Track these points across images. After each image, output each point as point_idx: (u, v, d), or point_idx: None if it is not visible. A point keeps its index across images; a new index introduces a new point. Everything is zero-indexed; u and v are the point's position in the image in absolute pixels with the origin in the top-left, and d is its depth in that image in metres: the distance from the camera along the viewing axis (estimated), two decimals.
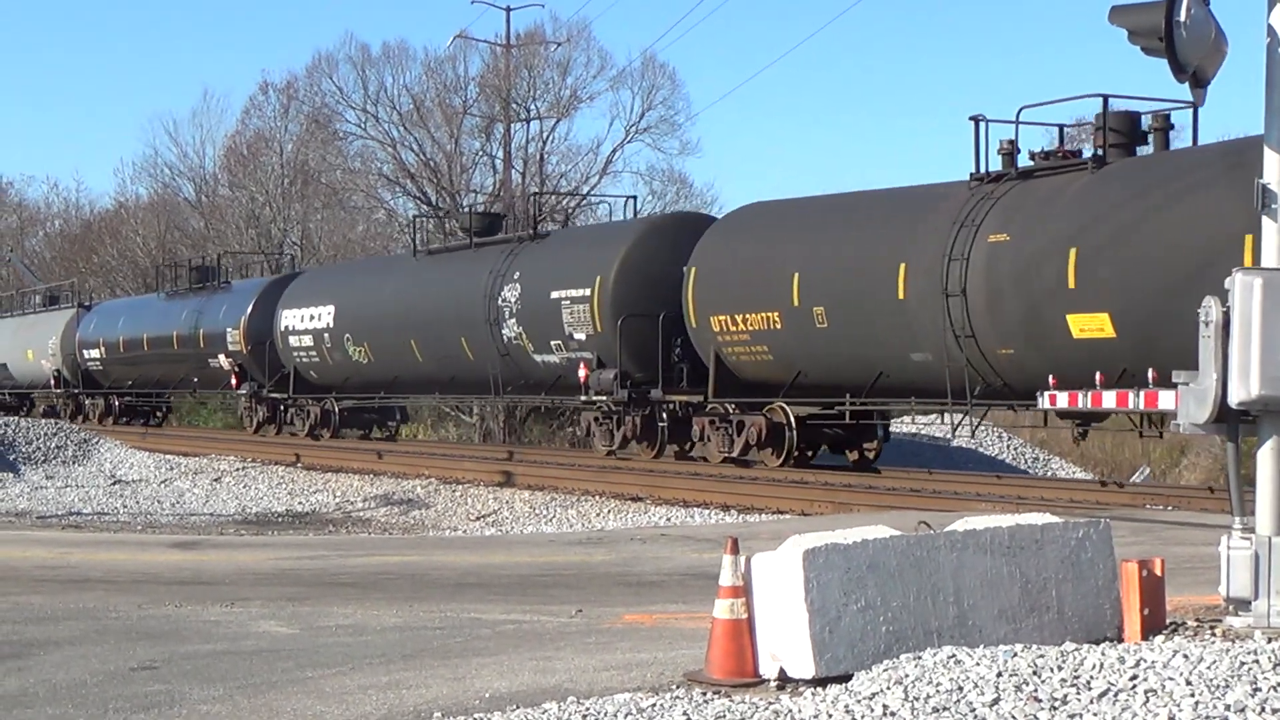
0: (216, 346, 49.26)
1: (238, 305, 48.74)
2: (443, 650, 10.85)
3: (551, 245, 36.51)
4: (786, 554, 9.10)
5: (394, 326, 40.24)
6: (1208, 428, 10.24)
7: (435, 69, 66.55)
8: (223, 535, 25.53)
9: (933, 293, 25.23)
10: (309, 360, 44.89)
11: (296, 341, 45.20)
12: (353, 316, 42.48)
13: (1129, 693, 7.86)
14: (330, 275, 49.37)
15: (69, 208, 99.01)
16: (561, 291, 33.82)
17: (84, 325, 60.44)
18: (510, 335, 35.52)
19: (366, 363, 42.11)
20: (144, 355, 55.02)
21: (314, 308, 44.44)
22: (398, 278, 41.67)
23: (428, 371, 39.69)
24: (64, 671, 10.16)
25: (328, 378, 44.78)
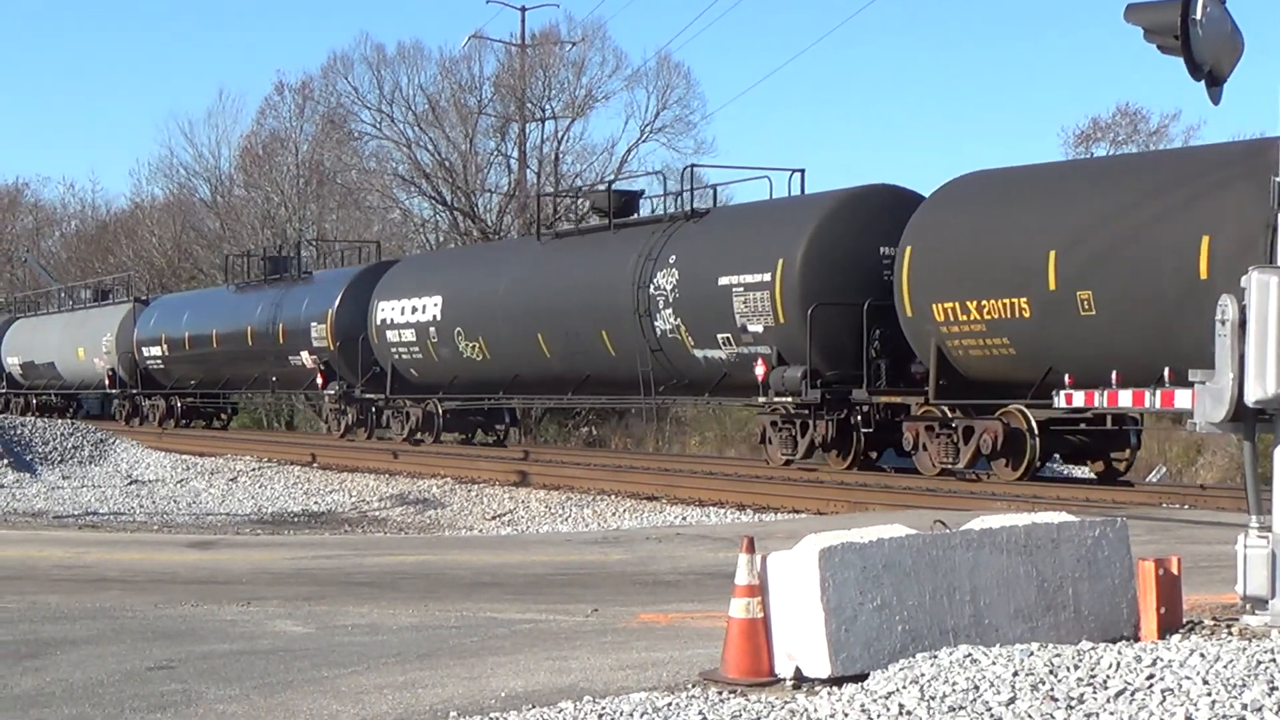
0: (298, 343, 45.42)
1: (323, 297, 44.67)
2: (458, 650, 10.86)
3: (715, 224, 31.73)
4: (802, 553, 9.09)
5: (516, 320, 36.19)
6: (1224, 426, 10.22)
7: (450, 69, 66.68)
8: (239, 535, 25.56)
9: None
10: (410, 358, 40.69)
11: (395, 337, 40.91)
12: (464, 309, 38.28)
13: (1146, 692, 7.85)
14: (435, 263, 44.75)
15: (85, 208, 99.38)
16: (733, 277, 29.52)
17: (143, 321, 56.89)
18: (665, 328, 31.36)
19: (480, 360, 37.92)
20: (212, 353, 51.30)
21: (417, 299, 40.08)
22: (519, 265, 37.21)
23: (557, 370, 35.53)
24: (81, 671, 10.18)
25: (431, 377, 40.48)
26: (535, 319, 35.33)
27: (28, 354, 66.28)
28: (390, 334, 41.07)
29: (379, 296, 41.82)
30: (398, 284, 41.65)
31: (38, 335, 66.11)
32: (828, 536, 9.22)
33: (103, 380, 59.05)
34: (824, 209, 28.93)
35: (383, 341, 41.53)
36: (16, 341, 68.12)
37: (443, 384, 40.22)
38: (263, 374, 48.45)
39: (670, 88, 65.41)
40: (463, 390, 39.96)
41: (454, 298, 38.76)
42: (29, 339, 66.91)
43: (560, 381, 35.90)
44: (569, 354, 34.61)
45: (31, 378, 66.37)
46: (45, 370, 64.41)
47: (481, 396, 40.06)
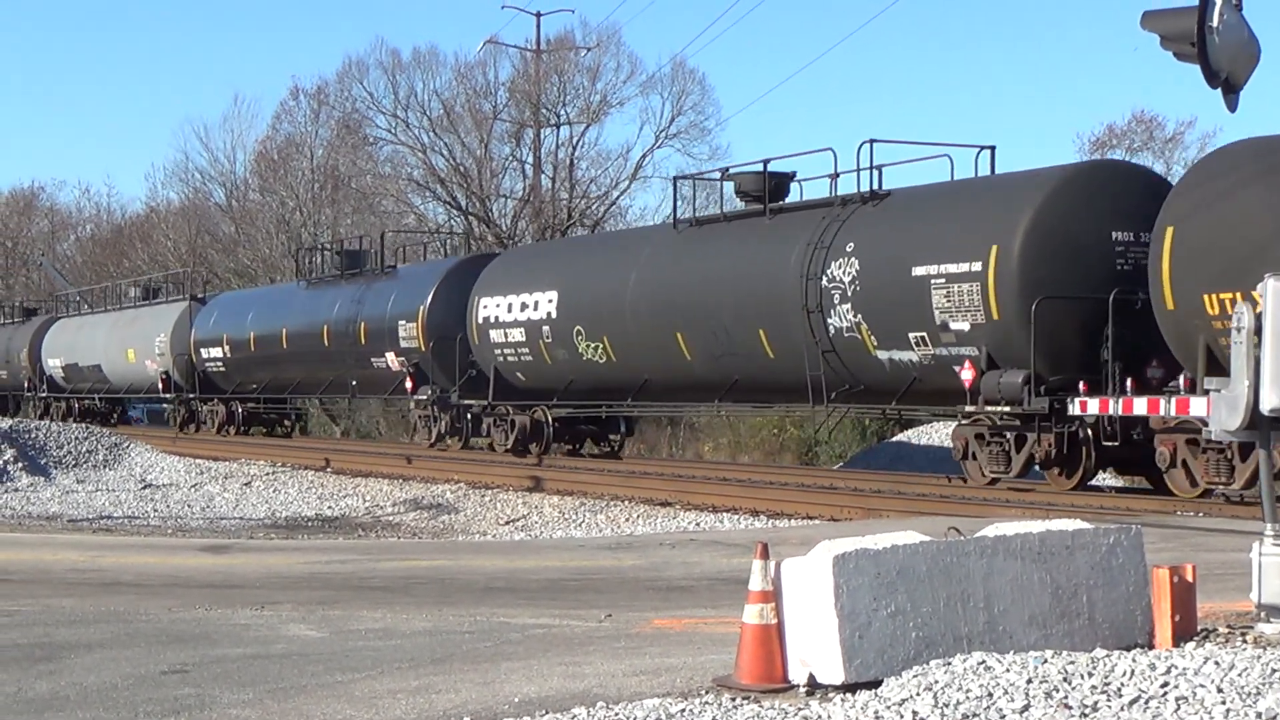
0: (383, 343, 41.40)
1: (413, 293, 40.48)
2: (472, 655, 10.86)
3: (901, 207, 27.31)
4: (816, 559, 9.09)
5: (649, 317, 31.97)
6: (1240, 434, 10.20)
7: (465, 74, 66.84)
8: (253, 539, 25.59)
9: None
10: (516, 360, 36.52)
11: (500, 336, 36.71)
12: (586, 305, 34.09)
13: (1160, 700, 7.84)
14: (548, 254, 39.58)
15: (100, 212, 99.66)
16: (931, 267, 25.38)
17: (201, 320, 53.04)
18: (841, 325, 27.07)
19: (603, 363, 33.67)
20: (281, 354, 47.45)
21: (527, 294, 35.81)
22: (652, 256, 32.79)
23: (699, 373, 31.14)
24: (95, 674, 10.19)
25: (542, 381, 36.11)
26: (673, 316, 31.24)
27: (71, 356, 63.03)
28: (494, 334, 37.04)
29: (481, 292, 37.65)
30: (504, 278, 37.61)
31: (82, 336, 62.65)
32: (842, 543, 9.21)
33: (155, 384, 55.46)
34: (1046, 187, 24.86)
35: (484, 342, 37.48)
36: (58, 342, 64.99)
37: (556, 389, 35.79)
38: (339, 377, 44.60)
39: (685, 94, 65.54)
40: (579, 396, 35.61)
41: (572, 293, 34.60)
42: (72, 340, 63.55)
43: (702, 386, 31.72)
44: (715, 355, 30.37)
45: (74, 381, 63.23)
46: (90, 373, 61.12)
47: (599, 403, 35.91)
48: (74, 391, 63.61)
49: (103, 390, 60.80)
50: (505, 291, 36.75)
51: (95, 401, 62.40)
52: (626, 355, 33.06)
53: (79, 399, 63.36)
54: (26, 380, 66.86)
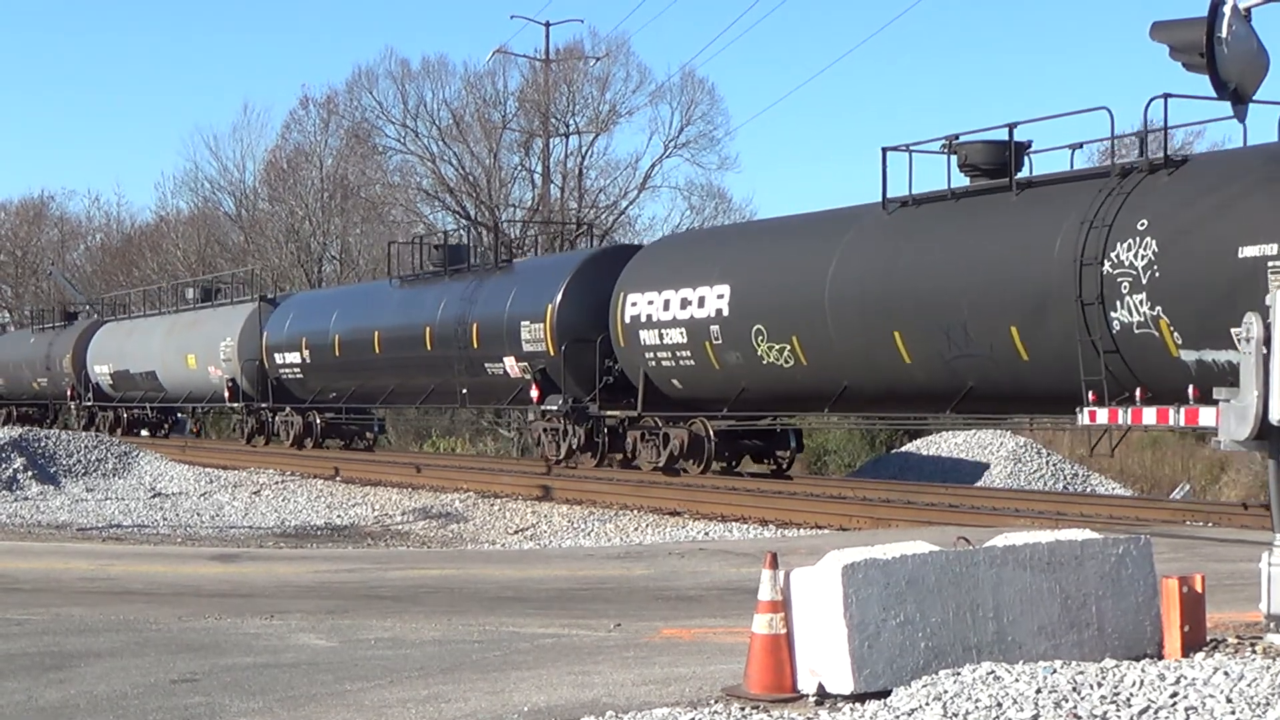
0: (500, 347, 36.46)
1: (538, 290, 35.73)
2: (481, 664, 10.87)
3: (1207, 175, 22.10)
4: (826, 569, 9.10)
5: (855, 314, 26.90)
6: (1249, 445, 10.21)
7: (475, 84, 66.92)
8: (262, 548, 25.60)
9: None
10: (673, 364, 31.55)
11: (651, 337, 31.92)
12: (768, 300, 29.00)
13: (1169, 710, 7.84)
14: (716, 243, 33.60)
15: (110, 221, 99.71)
16: (1265, 247, 20.13)
17: (274, 323, 48.55)
18: (1131, 320, 22.06)
19: (790, 367, 28.57)
20: (372, 360, 42.54)
21: (689, 289, 31.02)
22: (858, 242, 27.46)
23: (920, 379, 25.97)
24: (105, 683, 10.21)
25: (706, 388, 31.27)
26: (889, 312, 26.13)
27: (121, 361, 58.64)
28: (645, 334, 32.14)
29: (628, 287, 32.91)
30: (658, 271, 32.81)
31: (133, 341, 58.26)
32: (851, 552, 9.22)
33: (219, 392, 51.08)
34: None
35: (632, 344, 32.58)
36: (106, 347, 60.59)
37: (723, 398, 30.84)
38: (443, 385, 39.60)
39: (694, 103, 65.63)
40: (751, 406, 30.86)
41: (750, 286, 29.64)
42: (122, 345, 59.20)
43: (923, 395, 26.42)
44: (945, 358, 25.25)
45: (124, 389, 59.01)
46: (143, 380, 56.77)
47: (773, 414, 31.83)
48: (123, 400, 59.75)
49: (157, 399, 57.10)
50: (660, 286, 32.01)
51: (147, 411, 59.13)
52: (822, 358, 27.93)
53: (128, 408, 59.83)
54: (69, 388, 63.27)
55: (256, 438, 50.35)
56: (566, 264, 36.25)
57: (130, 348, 57.98)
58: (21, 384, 68.79)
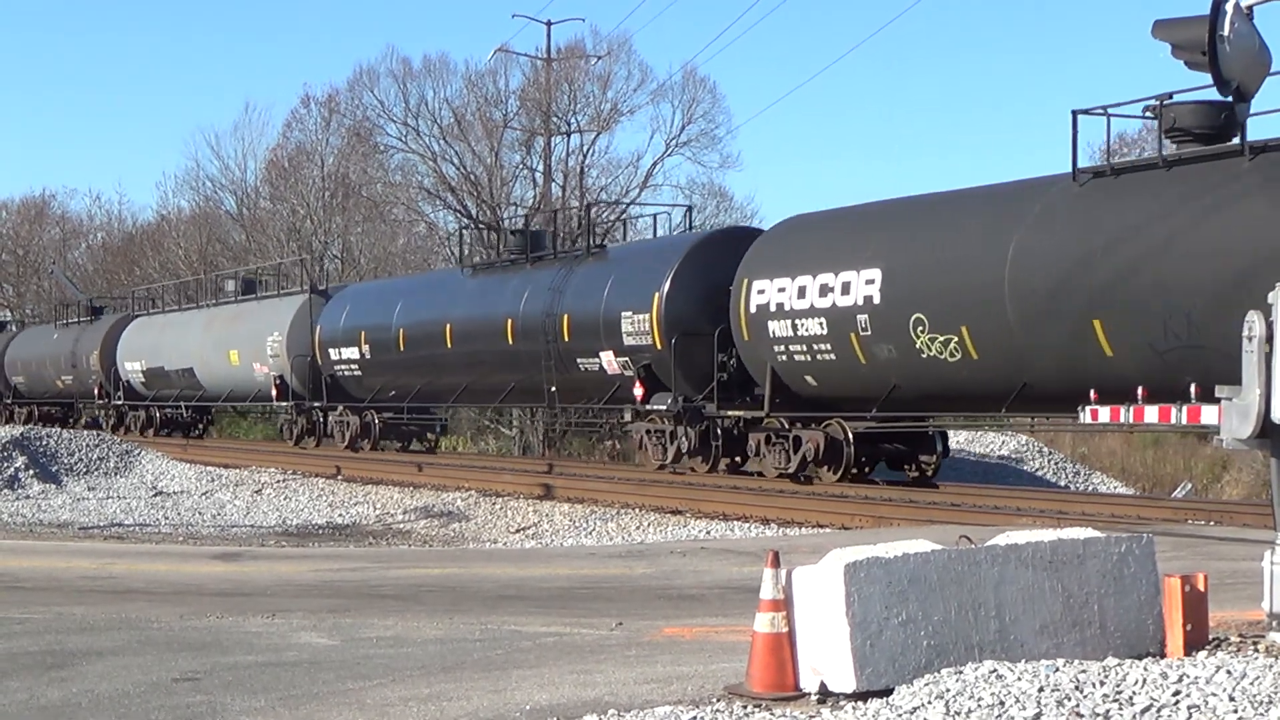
0: (596, 340, 33.46)
1: (641, 277, 32.63)
2: (483, 662, 10.87)
3: None
4: (828, 567, 9.09)
5: (1044, 300, 23.51)
6: (1251, 443, 10.21)
7: (476, 82, 66.80)
8: (264, 547, 25.60)
9: None
10: (808, 358, 28.28)
11: (782, 329, 28.51)
12: (931, 286, 25.71)
13: (1172, 709, 7.84)
14: (862, 222, 28.92)
15: (111, 220, 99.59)
16: None
17: (328, 316, 45.17)
18: None
19: (957, 360, 25.30)
20: (443, 355, 39.35)
21: (830, 273, 27.62)
22: (1045, 218, 24.09)
23: (1132, 373, 21.91)
24: (106, 682, 10.20)
25: (850, 385, 27.93)
26: (1087, 298, 22.88)
27: (154, 358, 55.29)
28: (774, 326, 28.78)
29: (753, 273, 29.57)
30: (789, 254, 29.22)
31: (168, 336, 54.84)
32: (853, 551, 9.22)
33: (265, 390, 47.86)
34: None
35: (758, 337, 29.28)
36: (138, 343, 57.22)
37: (869, 396, 27.52)
38: (527, 382, 36.38)
39: (696, 102, 65.49)
40: (905, 405, 27.33)
41: (908, 270, 26.29)
42: (155, 340, 55.83)
43: (1125, 390, 21.15)
44: (1159, 350, 22.04)
45: (158, 387, 55.75)
46: (179, 378, 53.48)
47: (929, 414, 28.61)
48: (157, 399, 56.40)
49: (194, 397, 53.78)
50: (794, 271, 28.50)
51: (181, 411, 55.94)
52: (998, 351, 24.71)
53: (161, 407, 56.56)
54: (97, 386, 59.85)
55: (306, 439, 47.17)
56: (673, 249, 32.89)
57: (165, 343, 54.87)
58: (43, 382, 65.56)
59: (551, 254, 37.44)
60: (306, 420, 47.09)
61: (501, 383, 37.53)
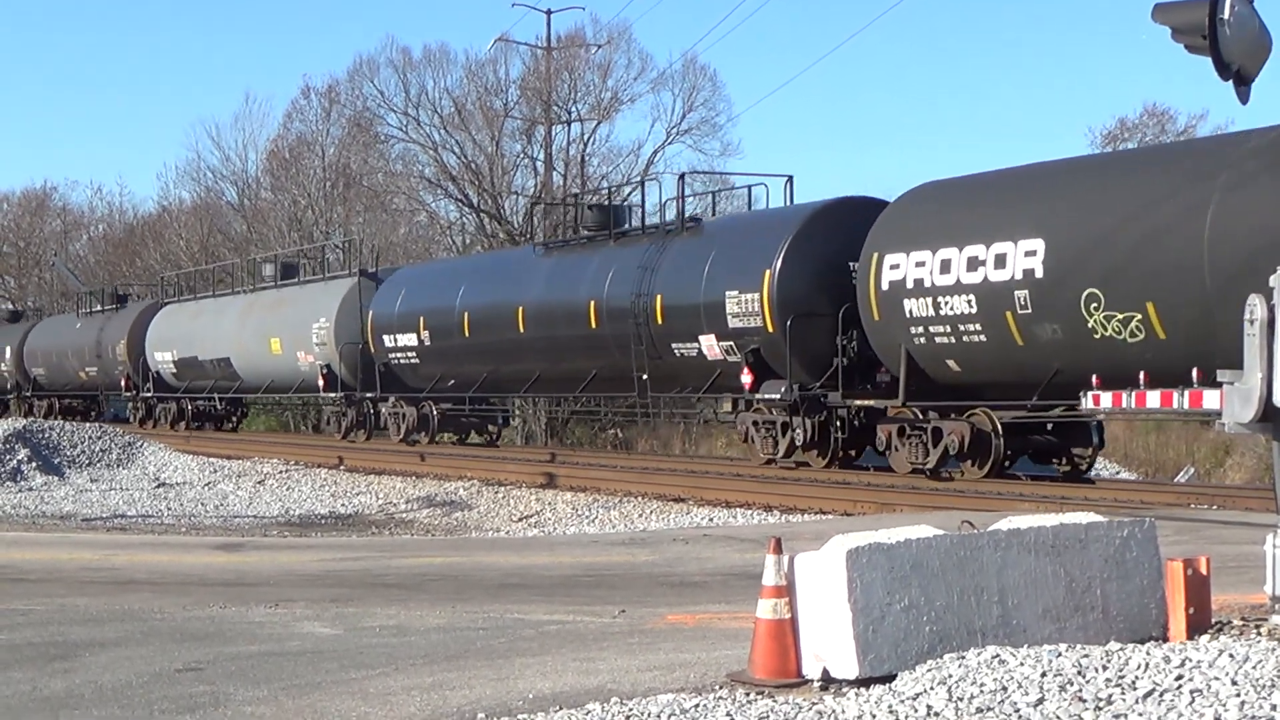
0: (695, 323, 30.64)
1: (746, 253, 29.71)
2: (486, 651, 10.86)
3: None
4: (830, 554, 9.09)
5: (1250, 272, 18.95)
6: (1252, 427, 10.20)
7: (476, 72, 66.77)
8: (266, 537, 25.60)
9: None
10: (951, 340, 25.44)
11: (922, 307, 25.68)
12: (1104, 258, 22.97)
13: (1174, 693, 7.83)
14: (1013, 186, 25.88)
15: (112, 212, 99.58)
16: None
17: (381, 300, 42.48)
18: None
19: (1136, 341, 22.45)
20: (515, 341, 36.56)
21: (980, 245, 24.77)
22: (1251, 181, 21.20)
23: None
24: (110, 673, 10.21)
25: (995, 370, 25.27)
26: None
27: (187, 347, 52.54)
28: (913, 304, 25.96)
29: (886, 245, 26.65)
30: (930, 222, 26.38)
31: (202, 324, 52.09)
32: (855, 537, 9.21)
33: (310, 381, 45.30)
34: None
35: (892, 317, 26.41)
36: (169, 332, 54.48)
37: (1025, 381, 24.80)
38: (611, 369, 33.64)
39: (696, 90, 65.43)
40: (1067, 391, 23.53)
41: (1077, 240, 23.46)
42: (188, 329, 53.16)
43: None
44: None
45: (190, 378, 53.13)
46: (214, 369, 50.92)
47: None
48: (189, 391, 53.76)
49: (230, 389, 51.10)
50: (935, 243, 25.66)
51: (215, 403, 53.47)
52: (1193, 331, 21.58)
53: (193, 399, 54.06)
54: (123, 378, 57.24)
55: (356, 432, 44.63)
56: (785, 221, 29.69)
57: (198, 332, 51.99)
58: (65, 374, 63.06)
59: (639, 230, 34.63)
60: (357, 412, 44.51)
61: (581, 370, 34.94)
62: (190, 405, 54.27)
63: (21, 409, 65.84)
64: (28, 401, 67.01)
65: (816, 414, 28.85)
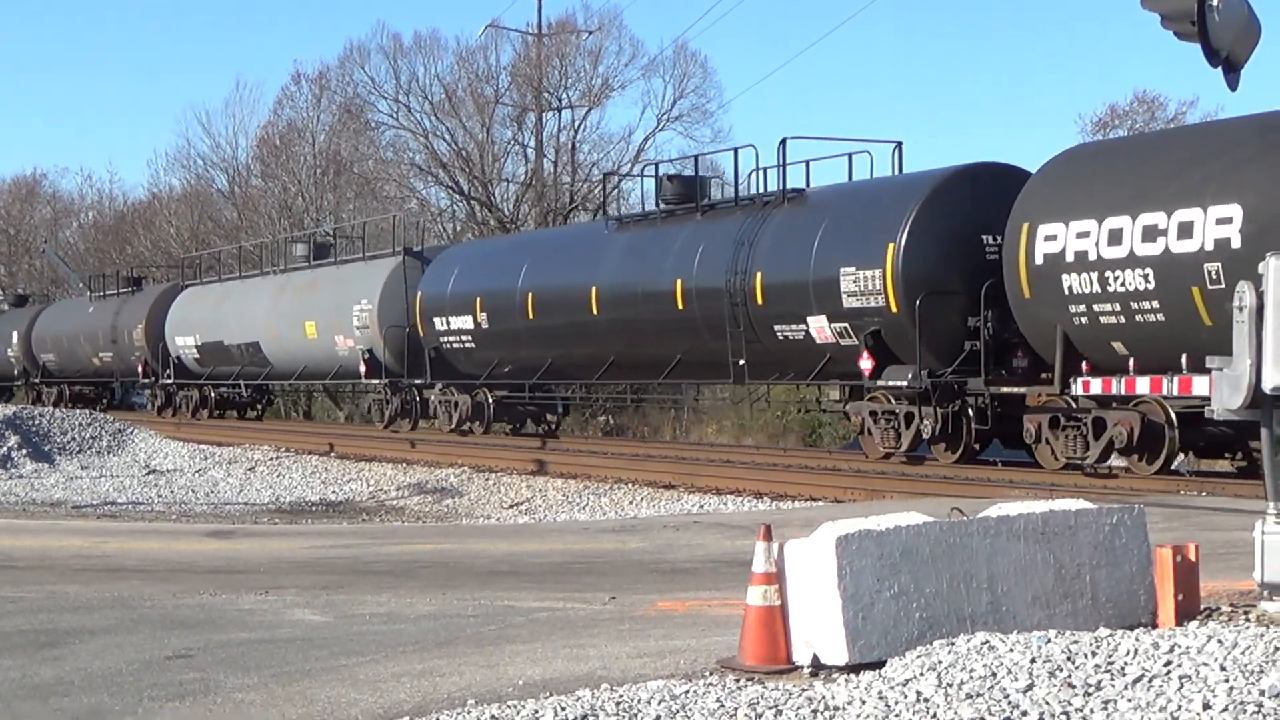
0: (801, 303, 27.69)
1: (864, 224, 26.87)
2: (476, 638, 10.87)
3: None
4: (820, 540, 9.10)
5: None
6: (1242, 413, 10.21)
7: (467, 58, 66.75)
8: (257, 524, 25.62)
9: None
10: (1117, 320, 22.90)
11: (1085, 283, 23.07)
12: None
13: (1163, 678, 7.85)
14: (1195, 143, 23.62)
15: (102, 199, 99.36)
16: None
17: (430, 280, 39.72)
18: None
19: None
20: (587, 324, 33.73)
21: (1156, 213, 22.15)
22: None
23: None
24: (100, 660, 10.20)
25: (1172, 352, 21.97)
26: None
27: (212, 332, 49.84)
28: (1073, 279, 23.32)
29: (1038, 214, 24.03)
30: (1090, 189, 23.61)
31: (228, 307, 49.45)
32: (845, 524, 9.22)
33: (350, 366, 42.36)
34: None
35: (1047, 294, 23.81)
36: (191, 316, 51.86)
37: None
38: (700, 352, 30.79)
39: (687, 76, 65.43)
40: None
41: None
42: (213, 312, 50.39)
43: None
44: None
45: (214, 364, 50.57)
46: (242, 354, 48.37)
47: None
48: (213, 377, 51.27)
49: (259, 375, 48.56)
50: (1099, 211, 23.08)
51: (239, 390, 51.17)
52: None
53: (217, 386, 51.61)
54: (141, 364, 54.70)
55: (399, 421, 41.78)
56: (910, 190, 26.88)
57: (224, 315, 49.22)
58: (76, 359, 60.27)
59: (730, 203, 31.54)
60: (401, 400, 41.58)
61: (664, 355, 32.01)
62: (213, 392, 52.09)
63: (29, 396, 63.91)
64: (35, 389, 64.58)
65: (949, 403, 26.23)
